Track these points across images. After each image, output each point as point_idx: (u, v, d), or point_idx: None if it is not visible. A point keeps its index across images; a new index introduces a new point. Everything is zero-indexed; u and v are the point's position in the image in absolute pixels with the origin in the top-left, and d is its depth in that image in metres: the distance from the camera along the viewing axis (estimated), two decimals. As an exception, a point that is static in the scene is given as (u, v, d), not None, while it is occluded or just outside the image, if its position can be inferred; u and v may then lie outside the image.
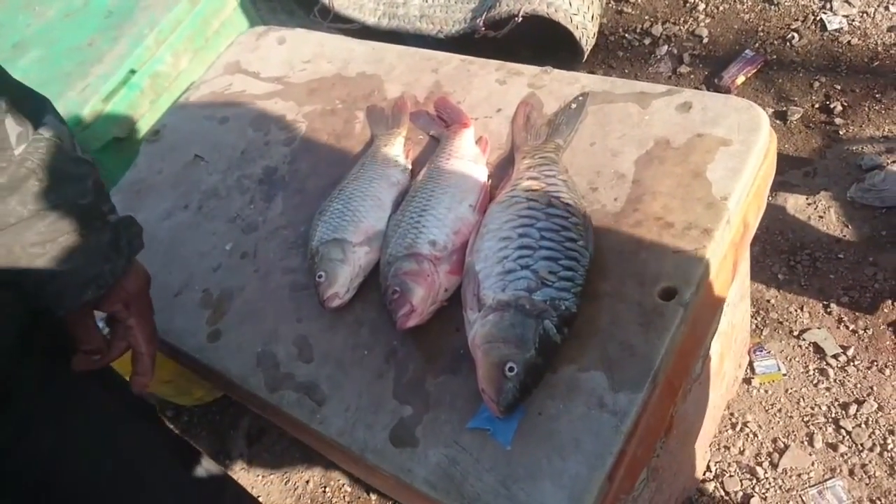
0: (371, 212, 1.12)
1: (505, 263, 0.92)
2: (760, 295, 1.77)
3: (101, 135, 1.66)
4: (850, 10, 2.25)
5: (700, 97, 1.09)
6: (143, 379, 0.93)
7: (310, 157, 1.32)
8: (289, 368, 1.05)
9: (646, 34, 2.50)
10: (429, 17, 2.34)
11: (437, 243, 1.02)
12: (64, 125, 0.83)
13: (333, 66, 1.47)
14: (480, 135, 1.20)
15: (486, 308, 0.90)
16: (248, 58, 1.59)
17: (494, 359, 0.86)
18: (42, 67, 1.82)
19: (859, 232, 1.80)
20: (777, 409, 1.60)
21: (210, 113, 1.50)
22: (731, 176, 0.98)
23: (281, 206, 1.27)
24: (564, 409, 0.86)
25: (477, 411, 0.90)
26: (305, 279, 1.13)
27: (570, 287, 0.90)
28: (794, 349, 1.67)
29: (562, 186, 1.01)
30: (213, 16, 1.87)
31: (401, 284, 0.98)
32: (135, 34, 1.77)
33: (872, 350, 1.62)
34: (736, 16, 2.41)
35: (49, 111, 0.82)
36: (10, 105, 0.75)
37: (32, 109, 0.79)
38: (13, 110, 0.75)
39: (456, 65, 1.34)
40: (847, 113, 2.03)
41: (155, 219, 1.35)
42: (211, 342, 1.13)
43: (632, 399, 0.84)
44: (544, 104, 1.19)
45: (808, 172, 1.95)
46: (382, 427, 0.94)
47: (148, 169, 1.47)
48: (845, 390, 1.58)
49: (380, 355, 1.01)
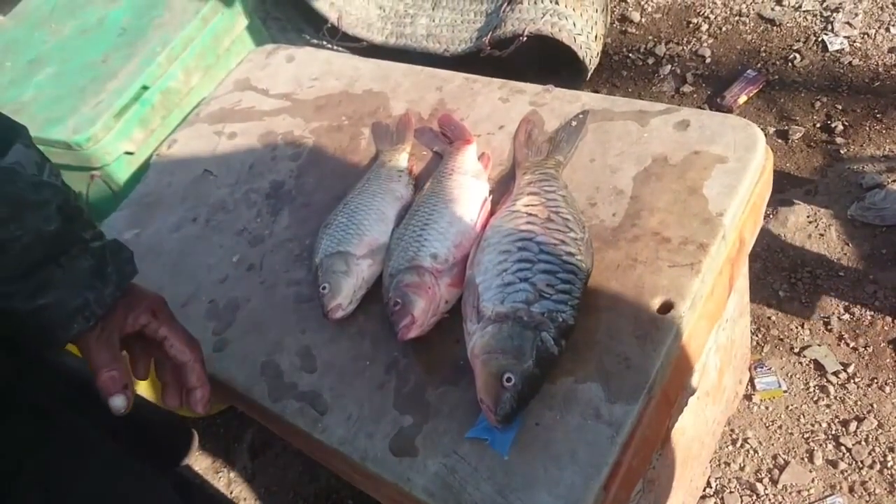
0: (375, 225, 1.15)
1: (504, 276, 0.94)
2: (761, 312, 1.78)
3: (112, 149, 1.70)
4: (852, 32, 2.28)
5: (697, 115, 1.12)
6: (198, 392, 0.87)
7: (316, 171, 1.35)
8: (292, 378, 1.07)
9: (649, 54, 2.53)
10: (435, 37, 2.38)
11: (439, 256, 1.04)
12: (32, 150, 0.78)
13: (340, 83, 1.51)
14: (483, 151, 1.22)
15: (485, 320, 0.92)
16: (257, 75, 1.63)
17: (493, 370, 0.87)
18: (57, 83, 1.86)
19: (860, 250, 1.81)
20: (777, 425, 1.60)
21: (219, 128, 1.54)
22: (727, 193, 1.00)
23: (287, 219, 1.29)
24: (561, 420, 0.88)
25: (476, 421, 0.91)
26: (310, 291, 1.15)
27: (567, 300, 0.91)
28: (794, 366, 1.68)
29: (561, 202, 1.03)
30: (225, 34, 1.91)
31: (402, 296, 1.00)
32: (148, 51, 1.81)
33: (873, 367, 1.62)
34: (738, 36, 2.44)
35: (19, 139, 0.77)
36: None
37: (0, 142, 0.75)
38: None
39: (460, 83, 1.37)
40: (848, 132, 2.05)
41: (164, 231, 1.38)
42: (216, 352, 1.15)
43: (627, 411, 0.86)
44: (545, 122, 1.22)
45: (809, 191, 1.96)
46: (383, 436, 0.96)
47: (158, 182, 1.50)
48: (845, 407, 1.59)
49: (381, 366, 1.03)
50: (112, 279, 0.81)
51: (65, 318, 0.77)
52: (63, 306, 0.77)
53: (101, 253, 0.82)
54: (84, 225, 0.81)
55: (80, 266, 0.79)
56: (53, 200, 0.77)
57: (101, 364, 0.80)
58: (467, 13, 2.39)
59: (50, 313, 0.76)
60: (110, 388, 0.80)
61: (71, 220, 0.79)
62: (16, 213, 0.73)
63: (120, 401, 0.80)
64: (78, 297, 0.78)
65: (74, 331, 0.78)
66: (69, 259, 0.78)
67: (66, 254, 0.78)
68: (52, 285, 0.76)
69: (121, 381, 0.80)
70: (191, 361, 0.88)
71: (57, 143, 1.68)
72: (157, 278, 1.28)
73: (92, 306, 0.79)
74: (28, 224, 0.74)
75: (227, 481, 1.92)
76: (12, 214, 0.73)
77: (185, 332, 0.89)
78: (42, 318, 0.76)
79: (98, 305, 0.79)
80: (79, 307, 0.78)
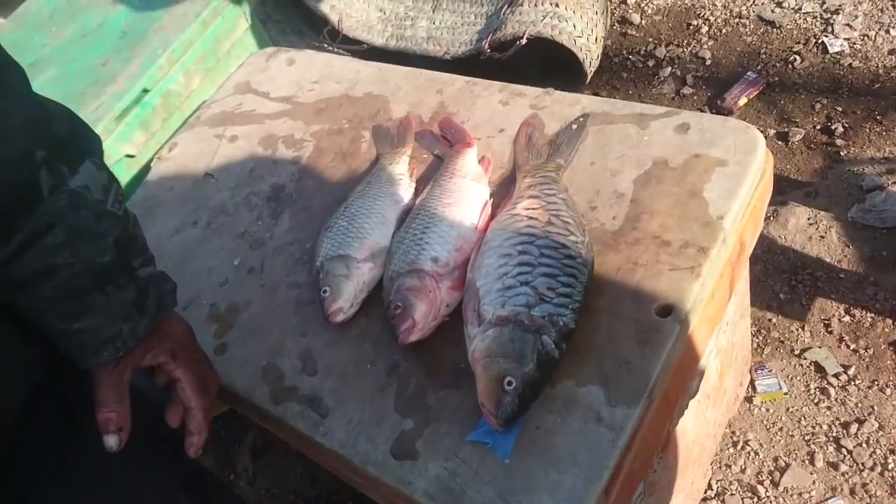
0: (375, 228, 1.15)
1: (505, 280, 0.94)
2: (762, 314, 1.78)
3: (113, 152, 1.70)
4: (852, 34, 2.28)
5: (698, 119, 1.12)
6: (194, 439, 0.88)
7: (316, 175, 1.35)
8: (293, 381, 1.07)
9: (649, 56, 2.53)
10: (435, 39, 2.38)
11: (440, 260, 1.04)
12: (102, 171, 0.78)
13: (341, 86, 1.51)
14: (483, 154, 1.23)
15: (485, 323, 0.92)
16: (258, 78, 1.63)
17: (493, 373, 0.87)
18: (57, 86, 1.86)
19: (860, 252, 1.81)
20: (778, 427, 1.60)
21: (220, 131, 1.54)
22: (728, 196, 1.00)
23: (288, 222, 1.30)
24: (562, 423, 0.88)
25: (477, 425, 0.91)
26: (311, 294, 1.15)
27: (568, 303, 0.91)
28: (795, 368, 1.68)
29: (562, 205, 1.04)
30: (225, 37, 1.91)
31: (403, 300, 1.00)
32: (148, 54, 1.81)
33: (873, 369, 1.63)
34: (738, 38, 2.44)
35: (91, 155, 0.77)
36: (50, 155, 0.72)
37: (72, 157, 0.75)
38: (51, 161, 0.72)
39: (460, 86, 1.37)
40: (848, 134, 2.05)
41: (165, 234, 1.38)
42: (218, 355, 1.15)
43: (628, 414, 0.86)
44: (546, 125, 1.22)
45: (809, 193, 1.97)
46: (384, 440, 0.96)
47: (159, 186, 1.50)
48: (846, 409, 1.59)
49: (382, 369, 1.03)
50: (150, 311, 0.81)
51: (96, 345, 0.77)
52: (98, 333, 0.77)
53: (145, 284, 0.81)
54: (137, 252, 0.81)
55: (123, 297, 0.79)
56: (112, 234, 0.77)
57: (104, 402, 0.80)
58: (467, 15, 2.39)
59: (83, 337, 0.76)
60: (107, 428, 0.80)
61: (125, 251, 0.79)
62: (72, 241, 0.73)
63: (112, 440, 0.80)
64: (114, 326, 0.78)
65: (103, 359, 0.78)
66: (116, 288, 0.78)
67: (113, 283, 0.78)
68: (92, 311, 0.76)
69: (117, 423, 0.80)
70: (194, 409, 0.88)
71: (58, 146, 1.68)
72: (158, 281, 1.28)
73: (125, 337, 0.79)
74: (82, 254, 0.74)
75: (228, 483, 1.92)
76: (68, 242, 0.73)
77: (197, 379, 0.89)
78: (74, 340, 0.77)
79: (130, 337, 0.80)
80: (112, 336, 0.78)
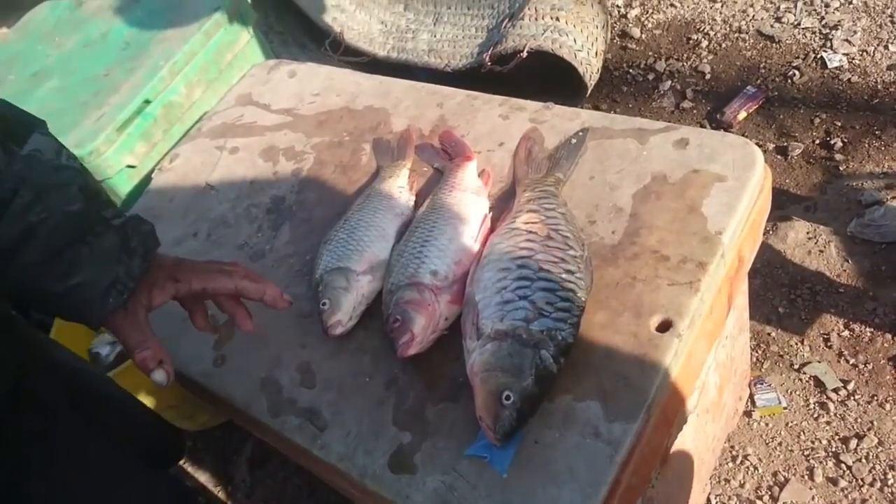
0: (375, 241, 1.15)
1: (503, 294, 0.94)
2: (761, 328, 1.78)
3: (114, 163, 1.70)
4: (850, 49, 2.29)
5: (697, 134, 1.12)
6: (269, 294, 0.92)
7: (317, 187, 1.36)
8: (291, 394, 1.07)
9: (649, 70, 2.54)
10: (437, 52, 2.39)
11: (439, 273, 1.04)
12: (48, 137, 0.82)
13: (342, 99, 1.52)
14: (483, 168, 1.23)
15: (484, 337, 0.92)
16: (259, 90, 1.64)
17: (492, 387, 0.87)
18: (59, 96, 1.87)
19: (859, 267, 1.81)
20: (777, 442, 1.60)
21: (221, 143, 1.55)
22: (726, 211, 1.01)
23: (288, 234, 1.30)
24: (560, 438, 0.88)
25: (475, 439, 0.91)
26: (310, 306, 1.15)
27: (566, 318, 0.92)
28: (794, 382, 1.68)
29: (561, 219, 1.04)
30: (227, 48, 1.92)
31: (402, 313, 1.00)
32: (150, 65, 1.82)
33: (873, 384, 1.62)
34: (738, 53, 2.45)
35: (37, 130, 0.81)
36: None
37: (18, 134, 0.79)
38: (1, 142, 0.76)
39: (460, 99, 1.38)
40: (847, 149, 2.06)
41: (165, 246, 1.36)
42: (216, 367, 1.15)
43: (626, 429, 0.86)
44: (545, 139, 1.22)
45: (808, 207, 1.97)
46: (382, 453, 0.96)
47: (159, 197, 1.50)
48: (846, 424, 1.58)
49: (381, 382, 1.03)
50: (138, 251, 0.84)
51: (99, 294, 0.80)
52: (96, 283, 0.80)
53: (124, 229, 0.84)
54: (104, 204, 0.84)
55: (106, 243, 0.81)
56: (74, 182, 0.80)
57: (133, 345, 0.83)
58: (468, 29, 2.41)
59: (84, 291, 0.79)
60: (147, 367, 0.83)
61: (92, 200, 0.82)
62: (40, 197, 0.76)
63: (160, 375, 0.83)
64: (109, 272, 0.81)
65: (110, 305, 0.81)
66: (95, 237, 0.80)
67: (91, 232, 0.80)
68: (82, 263, 0.79)
69: (154, 358, 0.83)
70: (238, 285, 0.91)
71: (59, 156, 1.69)
72: (157, 293, 1.28)
73: (123, 279, 0.82)
74: (52, 206, 0.77)
75: (226, 495, 1.92)
76: (37, 198, 0.76)
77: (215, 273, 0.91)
78: (77, 297, 0.79)
79: (129, 278, 0.82)
80: (112, 282, 0.81)
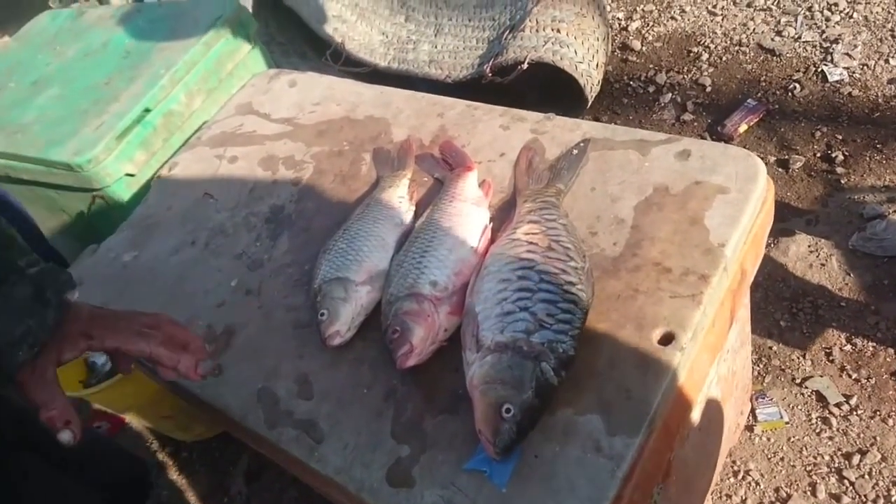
0: (374, 251, 1.14)
1: (504, 305, 0.93)
2: (762, 341, 1.77)
3: (113, 171, 1.69)
4: (851, 63, 2.29)
5: (699, 146, 1.12)
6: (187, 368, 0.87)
7: (316, 196, 1.35)
8: (288, 405, 1.06)
9: (650, 82, 2.55)
10: (437, 63, 2.39)
11: (438, 284, 1.03)
12: None
13: (342, 108, 1.51)
14: (483, 178, 1.22)
15: (484, 349, 0.91)
16: (259, 99, 1.63)
17: (492, 400, 0.86)
18: (59, 105, 1.87)
19: (861, 280, 1.80)
20: (779, 457, 1.58)
21: (220, 152, 1.54)
22: (729, 223, 1.00)
23: (286, 244, 1.29)
24: (561, 452, 0.86)
25: (474, 452, 0.90)
26: (308, 317, 1.14)
27: (567, 330, 0.90)
28: (796, 397, 1.66)
29: (562, 230, 1.03)
30: (228, 58, 1.92)
31: (401, 324, 0.99)
32: (151, 74, 1.81)
33: (875, 400, 1.61)
34: (738, 66, 2.46)
35: None
36: None
37: None
38: None
39: (461, 110, 1.37)
40: (848, 162, 2.05)
41: (163, 254, 1.37)
42: (212, 377, 1.13)
43: (628, 444, 0.85)
44: (546, 150, 1.22)
45: (810, 220, 1.96)
46: (380, 466, 0.94)
47: (158, 205, 1.49)
48: (848, 440, 1.57)
49: (379, 394, 1.02)
50: (52, 303, 0.81)
51: (10, 347, 0.77)
52: (7, 335, 0.77)
53: (39, 278, 0.81)
54: (19, 252, 0.82)
55: (18, 293, 0.78)
56: None
57: (40, 403, 0.80)
58: (469, 40, 2.41)
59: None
60: (54, 427, 0.80)
61: (4, 249, 0.80)
62: None
63: (66, 435, 0.80)
64: (21, 324, 0.77)
65: (20, 359, 0.77)
66: (8, 287, 0.78)
67: (4, 281, 0.78)
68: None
69: (61, 418, 0.80)
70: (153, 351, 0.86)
71: (58, 164, 1.68)
72: (154, 301, 1.27)
73: (35, 332, 0.79)
74: None
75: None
76: None
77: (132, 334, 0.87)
78: None
79: (41, 330, 0.79)
80: (23, 335, 0.77)
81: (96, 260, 1.42)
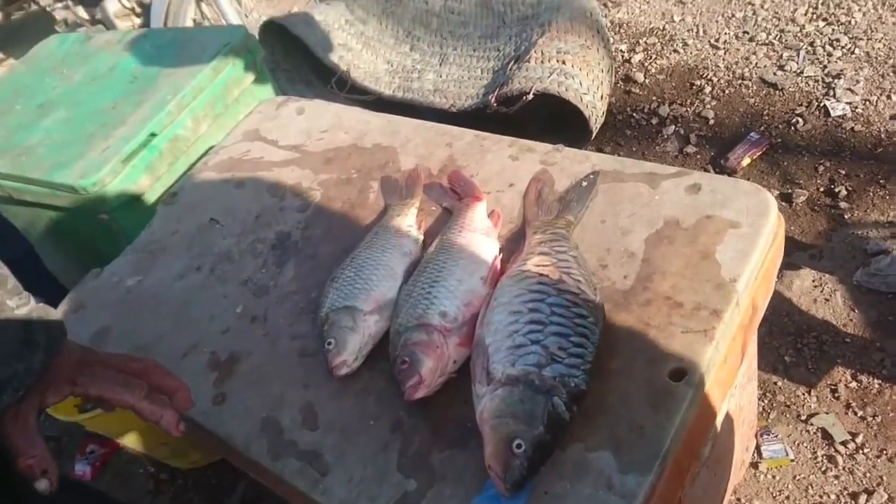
0: (382, 281, 1.13)
1: (515, 338, 0.92)
2: (767, 377, 1.76)
3: (119, 195, 1.70)
4: (853, 98, 2.31)
5: (709, 179, 1.12)
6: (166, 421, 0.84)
7: (323, 224, 1.34)
8: (293, 436, 1.04)
9: (653, 114, 2.56)
10: (442, 92, 2.41)
11: (448, 315, 1.02)
12: None
13: (350, 136, 1.51)
14: (493, 208, 1.22)
15: (495, 382, 0.89)
16: (267, 126, 1.64)
17: (502, 434, 0.85)
18: (65, 128, 1.87)
19: (866, 316, 1.79)
20: (785, 496, 1.56)
21: (227, 177, 1.54)
22: (741, 258, 0.99)
23: (293, 271, 1.28)
24: (571, 490, 0.85)
25: (483, 488, 0.88)
26: (314, 345, 1.13)
27: (579, 364, 0.89)
28: (801, 434, 1.65)
29: (572, 262, 1.02)
30: (235, 84, 1.93)
31: (410, 355, 0.98)
32: (158, 99, 1.82)
33: (882, 438, 1.59)
34: (741, 99, 2.48)
35: None
36: None
37: None
38: None
39: (470, 140, 1.38)
40: (852, 197, 2.06)
41: (167, 279, 1.36)
42: (216, 405, 1.12)
43: (640, 482, 0.83)
44: (556, 181, 1.22)
45: (814, 255, 1.96)
46: (386, 501, 0.92)
47: (163, 230, 1.49)
48: (855, 479, 1.55)
49: (386, 425, 1.00)
50: (41, 346, 0.80)
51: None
52: None
53: (27, 320, 0.80)
54: (10, 291, 0.80)
55: (8, 336, 0.77)
56: None
57: (18, 451, 0.78)
58: (474, 70, 2.43)
59: None
60: (32, 475, 0.78)
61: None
62: None
63: (43, 484, 0.78)
64: (7, 368, 0.76)
65: (4, 403, 0.76)
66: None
67: None
68: None
69: (39, 466, 0.78)
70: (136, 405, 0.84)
71: (63, 186, 1.68)
72: (158, 327, 1.26)
73: (21, 376, 0.77)
74: None
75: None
76: None
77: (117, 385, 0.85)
78: None
79: (27, 375, 0.77)
80: (8, 378, 0.76)
81: (99, 284, 1.40)
